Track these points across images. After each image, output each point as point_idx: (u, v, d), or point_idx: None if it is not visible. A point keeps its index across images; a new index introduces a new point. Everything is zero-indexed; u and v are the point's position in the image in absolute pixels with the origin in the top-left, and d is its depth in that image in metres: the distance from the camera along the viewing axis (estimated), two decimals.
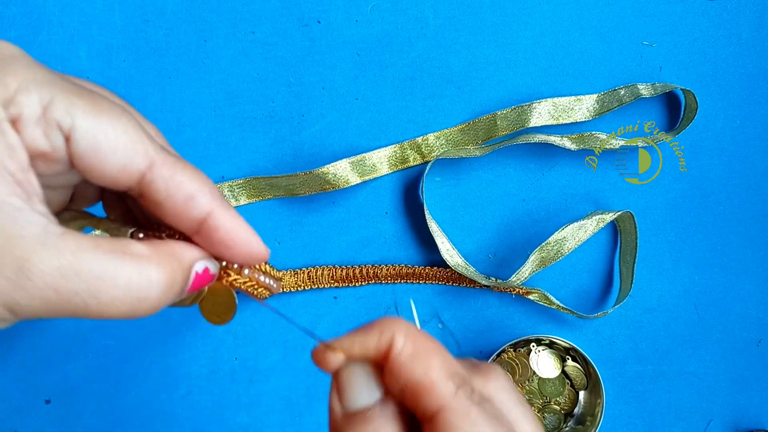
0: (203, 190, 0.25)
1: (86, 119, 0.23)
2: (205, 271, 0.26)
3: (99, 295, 0.22)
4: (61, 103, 0.22)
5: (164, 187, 0.24)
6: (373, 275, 0.49)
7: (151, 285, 0.23)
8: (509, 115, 0.49)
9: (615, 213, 0.48)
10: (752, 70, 0.50)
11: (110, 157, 0.23)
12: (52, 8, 0.49)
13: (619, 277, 0.50)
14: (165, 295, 0.24)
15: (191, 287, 0.25)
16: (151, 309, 0.23)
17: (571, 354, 0.49)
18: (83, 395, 0.49)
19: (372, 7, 0.50)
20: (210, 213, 0.25)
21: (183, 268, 0.25)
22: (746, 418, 0.50)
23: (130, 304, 0.23)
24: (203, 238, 0.25)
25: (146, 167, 0.24)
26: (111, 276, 0.22)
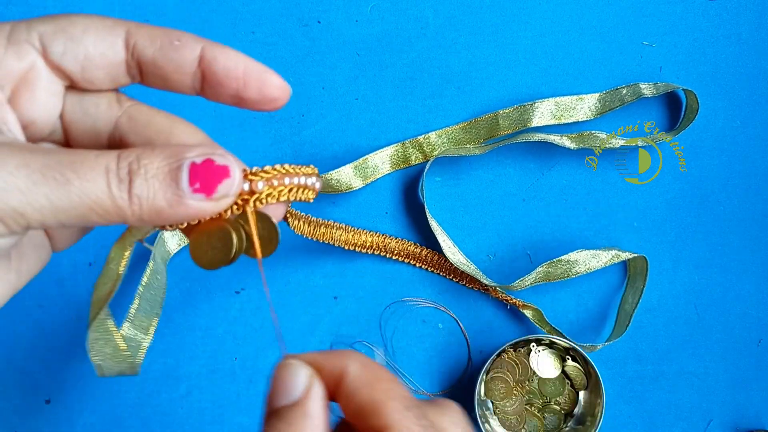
0: (187, 34, 0.25)
1: (48, 25, 0.23)
2: (208, 162, 0.22)
3: (67, 183, 0.20)
4: (19, 26, 0.23)
5: (149, 41, 0.24)
6: (381, 246, 0.49)
7: (102, 166, 0.21)
8: (511, 115, 0.49)
9: (631, 254, 0.48)
10: (752, 70, 0.50)
11: (88, 38, 0.24)
12: (52, 8, 0.49)
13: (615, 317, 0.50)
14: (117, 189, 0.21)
15: (193, 179, 0.22)
16: (104, 196, 0.21)
17: (571, 354, 0.49)
18: (83, 395, 0.50)
19: (372, 7, 0.50)
20: (203, 48, 0.24)
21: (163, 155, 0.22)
22: (746, 418, 0.50)
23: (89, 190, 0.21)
24: (211, 83, 0.25)
25: (125, 32, 0.24)
26: (67, 159, 0.21)
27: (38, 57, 0.23)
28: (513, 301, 0.49)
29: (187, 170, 0.22)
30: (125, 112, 0.25)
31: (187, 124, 0.25)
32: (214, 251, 0.24)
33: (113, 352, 0.39)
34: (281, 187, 0.25)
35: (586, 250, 0.47)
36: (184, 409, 0.50)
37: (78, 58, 0.24)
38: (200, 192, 0.22)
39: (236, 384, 0.50)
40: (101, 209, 0.21)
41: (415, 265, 0.50)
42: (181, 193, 0.22)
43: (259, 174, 0.25)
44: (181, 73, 0.24)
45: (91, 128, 0.25)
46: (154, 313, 0.45)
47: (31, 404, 0.49)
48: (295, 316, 0.50)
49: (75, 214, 0.21)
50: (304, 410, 0.23)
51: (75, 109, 0.25)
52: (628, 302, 0.49)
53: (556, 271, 0.47)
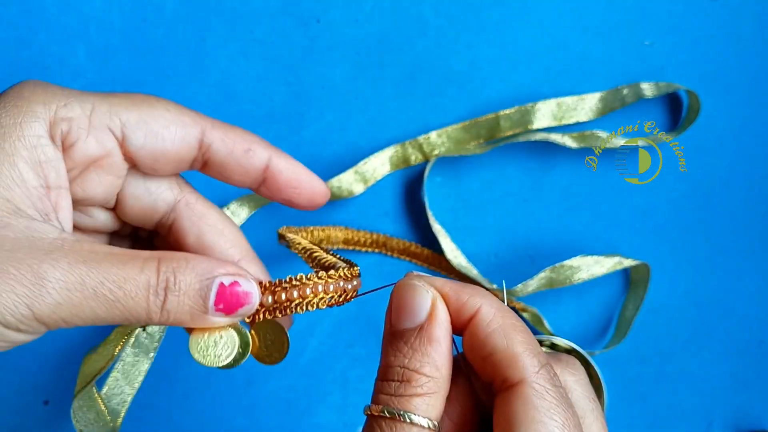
0: (257, 141, 0.27)
1: (131, 113, 0.25)
2: (234, 285, 0.24)
3: (113, 302, 0.22)
4: (102, 107, 0.24)
5: (223, 145, 0.26)
6: (382, 244, 0.49)
7: (145, 282, 0.23)
8: (512, 116, 0.48)
9: (634, 261, 0.47)
10: (753, 70, 0.50)
11: (168, 134, 0.25)
12: (51, 8, 0.49)
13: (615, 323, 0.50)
14: (163, 299, 0.23)
15: (218, 301, 0.24)
16: (141, 309, 0.23)
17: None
18: None
19: (372, 6, 0.49)
20: (270, 158, 0.27)
21: (196, 273, 0.24)
22: (747, 419, 0.50)
23: (125, 306, 0.23)
24: (269, 187, 0.27)
25: (200, 133, 0.26)
26: (116, 277, 0.22)
27: (116, 145, 0.25)
28: (513, 304, 0.49)
29: (215, 291, 0.24)
30: (185, 198, 0.28)
31: (235, 227, 0.28)
32: (216, 351, 0.25)
33: (96, 417, 0.41)
34: (297, 300, 0.25)
35: (589, 256, 0.47)
36: (182, 410, 0.49)
37: (155, 152, 0.25)
38: (222, 311, 0.24)
39: (235, 386, 0.50)
40: (134, 318, 0.23)
41: (416, 263, 0.50)
42: (205, 310, 0.24)
43: (281, 285, 0.25)
44: (246, 176, 0.27)
45: (149, 206, 0.27)
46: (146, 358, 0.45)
47: (30, 405, 0.49)
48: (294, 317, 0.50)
49: (110, 322, 0.23)
50: (429, 335, 0.23)
51: (137, 186, 0.27)
52: (629, 309, 0.49)
53: (559, 277, 0.47)
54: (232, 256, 0.27)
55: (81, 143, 0.24)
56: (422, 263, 0.50)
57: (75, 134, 0.23)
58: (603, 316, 0.50)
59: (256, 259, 0.28)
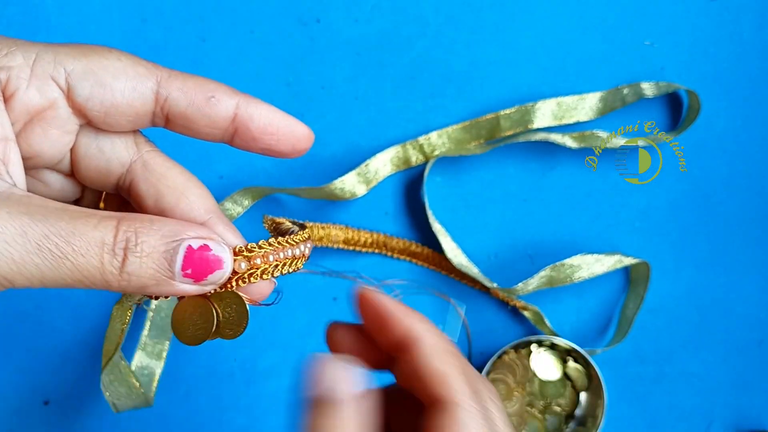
0: (221, 87, 0.24)
1: (78, 62, 0.22)
2: (204, 249, 0.22)
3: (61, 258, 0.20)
4: (46, 55, 0.22)
5: (182, 95, 0.23)
6: (382, 244, 0.49)
7: (99, 239, 0.21)
8: (513, 116, 0.48)
9: (634, 259, 0.47)
10: (753, 70, 0.50)
11: (117, 85, 0.23)
12: (51, 8, 0.49)
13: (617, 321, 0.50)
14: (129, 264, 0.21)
15: (186, 265, 0.22)
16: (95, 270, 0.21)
17: (572, 355, 0.48)
18: (82, 397, 0.49)
19: (372, 5, 0.49)
20: (238, 105, 0.24)
21: (161, 234, 0.22)
22: (747, 419, 0.50)
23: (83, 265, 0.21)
24: (242, 137, 0.24)
25: (155, 84, 0.23)
26: (63, 231, 0.20)
27: (61, 96, 0.23)
28: (514, 302, 0.49)
29: (183, 254, 0.22)
30: (141, 157, 0.25)
31: (200, 186, 0.25)
32: (195, 328, 0.24)
33: (128, 390, 0.40)
34: (275, 263, 0.24)
35: (589, 255, 0.47)
36: (183, 410, 0.49)
37: (104, 104, 0.23)
38: (190, 277, 0.22)
39: (235, 385, 0.50)
40: (89, 281, 0.21)
41: (417, 263, 0.50)
42: (171, 276, 0.22)
43: (254, 251, 0.24)
44: (214, 127, 0.24)
45: (103, 166, 0.25)
46: (165, 337, 0.46)
47: (30, 405, 0.49)
48: (294, 317, 0.50)
49: (61, 284, 0.21)
50: (343, 416, 0.23)
51: (89, 145, 0.25)
52: (630, 308, 0.49)
53: (559, 276, 0.46)
54: (197, 217, 0.24)
55: (21, 93, 0.22)
56: (422, 262, 0.50)
57: (15, 83, 0.22)
58: (603, 315, 0.50)
59: (225, 221, 0.25)
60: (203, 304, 0.24)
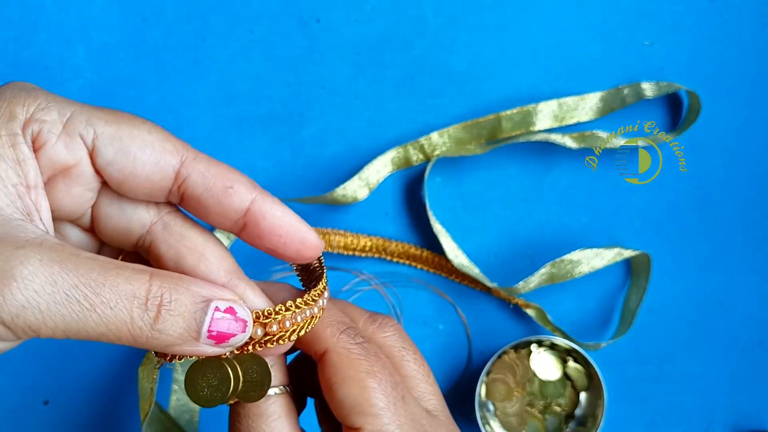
0: (241, 179, 0.24)
1: (108, 126, 0.23)
2: (229, 311, 0.23)
3: (88, 310, 0.20)
4: (80, 115, 0.23)
5: (201, 180, 0.24)
6: (381, 249, 0.49)
7: (129, 293, 0.21)
8: (514, 117, 0.48)
9: (634, 251, 0.47)
10: (754, 70, 0.50)
11: (141, 156, 0.23)
12: (51, 8, 0.49)
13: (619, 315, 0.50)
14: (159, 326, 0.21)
15: (211, 331, 0.22)
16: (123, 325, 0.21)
17: (572, 355, 0.48)
18: (82, 396, 0.49)
19: (372, 6, 0.49)
20: (253, 200, 0.24)
21: (191, 294, 0.22)
22: (747, 420, 0.50)
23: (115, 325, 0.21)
24: (251, 233, 0.25)
25: (179, 163, 0.24)
26: (94, 282, 0.20)
27: (85, 155, 0.23)
28: (515, 301, 0.49)
29: (210, 319, 0.22)
30: (162, 219, 0.25)
31: (219, 246, 0.25)
32: (211, 389, 0.24)
33: None
34: (292, 328, 0.24)
35: (588, 249, 0.47)
36: None
37: (123, 172, 0.23)
38: (213, 339, 0.22)
39: None
40: (114, 335, 0.21)
41: (416, 266, 0.50)
42: (197, 336, 0.22)
43: (270, 317, 0.24)
44: (225, 217, 0.24)
45: (124, 226, 0.25)
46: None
47: (30, 405, 0.49)
48: None
49: (85, 336, 0.21)
50: None
51: (111, 204, 0.25)
52: (632, 300, 0.49)
53: (560, 272, 0.46)
54: (217, 280, 0.24)
55: (49, 147, 0.22)
56: (422, 265, 0.50)
57: (45, 136, 0.22)
58: (605, 310, 0.50)
59: (245, 279, 0.25)
60: (220, 366, 0.24)
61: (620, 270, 0.50)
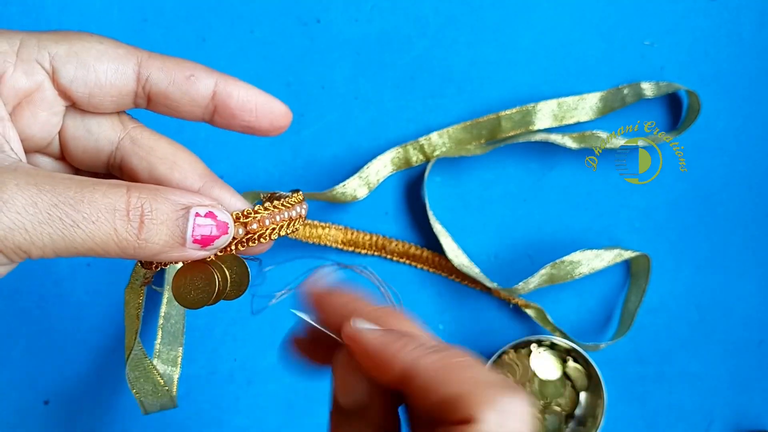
0: (198, 66, 0.25)
1: (60, 45, 0.23)
2: (209, 216, 0.23)
3: (72, 226, 0.21)
4: (30, 41, 0.23)
5: (162, 74, 0.25)
6: (381, 247, 0.49)
7: (111, 207, 0.21)
8: (514, 116, 0.48)
9: (634, 252, 0.47)
10: (753, 70, 0.50)
11: (100, 66, 0.24)
12: (51, 8, 0.49)
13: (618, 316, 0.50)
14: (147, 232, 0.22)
15: (195, 236, 0.23)
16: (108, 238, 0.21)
17: (572, 355, 0.49)
18: (82, 396, 0.49)
19: (372, 5, 0.49)
20: (216, 83, 0.25)
21: (172, 203, 0.22)
22: (747, 419, 0.50)
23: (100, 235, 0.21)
24: (222, 114, 0.25)
25: (137, 64, 0.24)
26: (72, 200, 0.21)
27: (46, 78, 0.23)
28: (515, 301, 0.49)
29: (192, 222, 0.23)
30: (128, 134, 0.26)
31: (189, 154, 0.26)
32: (197, 292, 0.25)
33: (153, 388, 0.41)
34: (272, 226, 0.25)
35: (588, 250, 0.47)
36: (182, 410, 0.49)
37: (88, 85, 0.24)
38: (198, 243, 0.23)
39: (235, 385, 0.49)
40: (102, 249, 0.21)
41: (416, 266, 0.50)
42: (183, 242, 0.23)
43: (250, 216, 0.25)
44: (194, 105, 0.25)
45: (92, 147, 0.25)
46: (178, 344, 0.46)
47: (30, 405, 0.49)
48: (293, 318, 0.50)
49: (75, 252, 0.21)
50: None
51: (77, 126, 0.25)
52: (632, 301, 0.49)
53: (560, 273, 0.46)
54: (191, 185, 0.25)
55: (8, 76, 0.23)
56: (422, 265, 0.50)
57: (1, 67, 0.22)
58: (604, 312, 0.50)
59: (220, 182, 0.26)
60: (204, 269, 0.25)
61: (620, 271, 0.50)
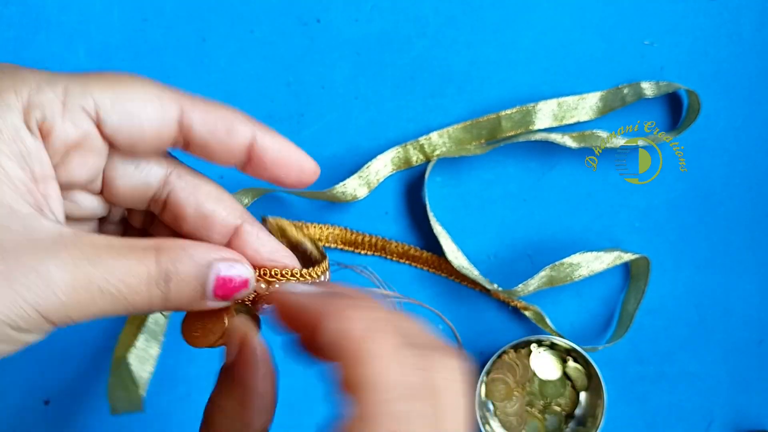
0: (239, 117, 0.26)
1: (105, 93, 0.23)
2: (232, 271, 0.25)
3: (119, 299, 0.22)
4: (75, 89, 0.23)
5: (203, 126, 0.25)
6: (381, 248, 0.49)
7: (145, 274, 0.23)
8: (514, 116, 0.48)
9: (634, 255, 0.47)
10: (753, 70, 0.50)
11: (143, 114, 0.24)
12: (51, 8, 0.49)
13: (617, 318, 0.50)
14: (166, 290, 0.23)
15: (216, 290, 0.24)
16: (144, 301, 0.23)
17: (572, 355, 0.49)
18: (82, 396, 0.49)
19: (372, 5, 0.49)
20: (254, 137, 0.26)
21: (195, 262, 0.24)
22: (747, 419, 0.50)
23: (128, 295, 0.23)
24: (255, 167, 0.26)
25: (179, 113, 0.25)
26: (120, 273, 0.22)
27: (92, 126, 0.24)
28: (515, 303, 0.49)
29: (213, 281, 0.24)
30: (175, 170, 0.27)
31: (228, 194, 0.27)
32: (205, 331, 0.26)
33: (125, 394, 0.41)
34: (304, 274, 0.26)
35: (588, 252, 0.47)
36: (183, 410, 0.49)
37: (132, 135, 0.24)
38: (219, 298, 0.24)
39: None
40: (136, 309, 0.23)
41: (416, 266, 0.50)
42: (204, 298, 0.24)
43: (272, 277, 0.26)
44: (230, 156, 0.26)
45: (141, 182, 0.26)
46: (155, 341, 0.46)
47: (30, 405, 0.49)
48: None
49: (114, 314, 0.23)
50: None
51: (126, 164, 0.26)
52: (631, 303, 0.49)
53: (559, 275, 0.46)
54: (234, 221, 0.26)
55: (58, 129, 0.23)
56: (422, 266, 0.50)
57: (50, 120, 0.22)
58: (603, 313, 0.50)
59: (256, 223, 0.27)
60: (219, 318, 0.26)
61: (619, 272, 0.50)
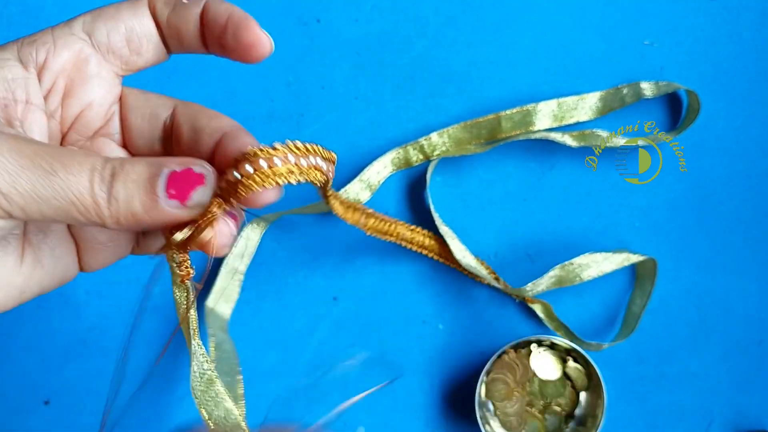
0: None
1: (85, 16, 0.26)
2: (186, 170, 0.23)
3: (51, 174, 0.21)
4: (60, 26, 0.26)
5: (165, 5, 0.27)
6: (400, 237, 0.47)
7: (89, 165, 0.22)
8: (514, 116, 0.48)
9: (642, 256, 0.47)
10: (753, 70, 0.50)
11: (123, 15, 0.26)
12: (51, 8, 0.49)
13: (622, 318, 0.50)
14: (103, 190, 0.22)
15: (170, 185, 0.22)
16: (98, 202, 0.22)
17: (572, 355, 0.48)
18: (82, 396, 0.49)
19: (372, 5, 0.49)
20: (206, 4, 0.27)
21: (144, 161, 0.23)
22: (747, 419, 0.50)
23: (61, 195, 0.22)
24: (206, 35, 0.27)
25: (147, 2, 0.27)
26: (61, 156, 0.22)
27: (86, 45, 0.26)
28: (523, 296, 0.49)
29: (165, 177, 0.22)
30: (182, 102, 0.29)
31: (227, 117, 0.29)
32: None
33: (225, 414, 0.39)
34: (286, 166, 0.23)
35: (597, 253, 0.47)
36: (183, 410, 0.49)
37: (120, 34, 0.26)
38: (175, 198, 0.22)
39: None
40: (81, 206, 0.22)
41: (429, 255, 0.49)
42: (156, 198, 0.22)
43: (257, 156, 0.23)
44: (189, 27, 0.27)
45: (151, 113, 0.28)
46: (236, 381, 0.45)
47: (30, 405, 0.49)
48: (293, 317, 0.50)
49: (56, 205, 0.22)
50: None
51: (137, 96, 0.29)
52: (636, 303, 0.49)
53: (568, 275, 0.46)
54: (222, 131, 0.28)
55: (51, 55, 0.25)
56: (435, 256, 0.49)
57: (43, 49, 0.25)
58: (609, 311, 0.50)
59: (248, 134, 0.28)
60: None
61: (625, 273, 0.50)
